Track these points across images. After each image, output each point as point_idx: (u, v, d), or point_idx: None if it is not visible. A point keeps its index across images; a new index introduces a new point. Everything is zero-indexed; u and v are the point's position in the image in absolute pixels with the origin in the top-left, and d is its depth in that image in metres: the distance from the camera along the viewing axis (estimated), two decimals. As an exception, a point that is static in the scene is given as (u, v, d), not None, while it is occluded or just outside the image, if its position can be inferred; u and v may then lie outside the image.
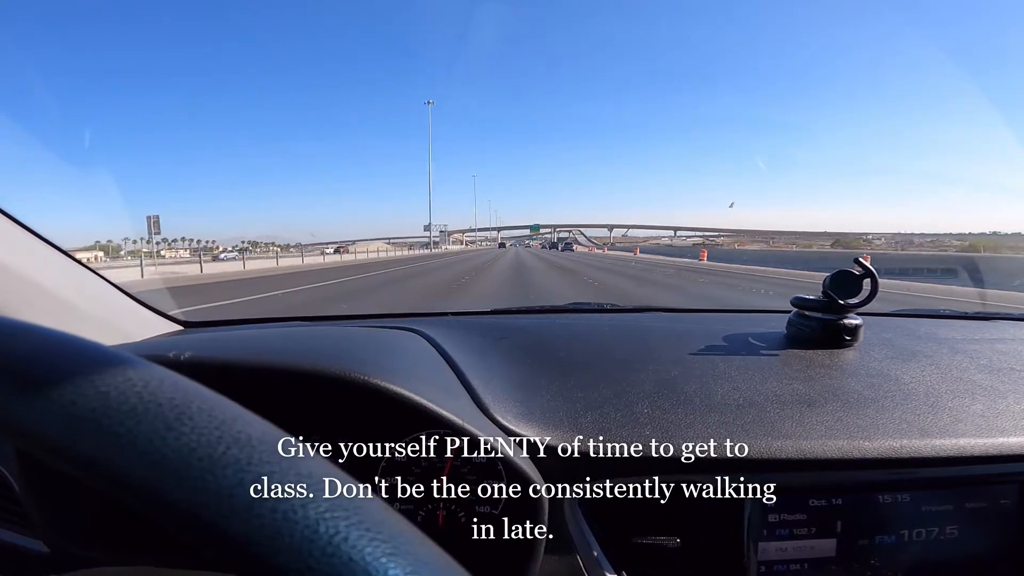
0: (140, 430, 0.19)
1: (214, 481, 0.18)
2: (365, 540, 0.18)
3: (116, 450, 0.19)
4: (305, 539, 0.17)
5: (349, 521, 0.18)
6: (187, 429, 0.19)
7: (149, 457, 0.18)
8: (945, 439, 0.58)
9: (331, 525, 0.18)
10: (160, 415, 0.19)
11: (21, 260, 0.67)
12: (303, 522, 0.18)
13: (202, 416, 0.20)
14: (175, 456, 0.19)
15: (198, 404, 0.20)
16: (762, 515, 0.56)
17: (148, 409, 0.19)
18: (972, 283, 9.14)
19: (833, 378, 0.73)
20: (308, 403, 0.60)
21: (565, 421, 0.61)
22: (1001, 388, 0.70)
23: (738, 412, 0.63)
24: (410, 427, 0.61)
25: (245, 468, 0.19)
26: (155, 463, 0.18)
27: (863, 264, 0.82)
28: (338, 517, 0.18)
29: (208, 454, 0.19)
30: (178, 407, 0.20)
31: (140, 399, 0.20)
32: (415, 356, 0.72)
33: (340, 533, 0.18)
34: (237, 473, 0.18)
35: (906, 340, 0.89)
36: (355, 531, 0.18)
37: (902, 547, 0.57)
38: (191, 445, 0.19)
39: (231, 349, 0.63)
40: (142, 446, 0.19)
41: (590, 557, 0.56)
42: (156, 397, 0.20)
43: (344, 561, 0.17)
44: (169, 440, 0.19)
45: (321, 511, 0.18)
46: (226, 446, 0.19)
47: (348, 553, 0.17)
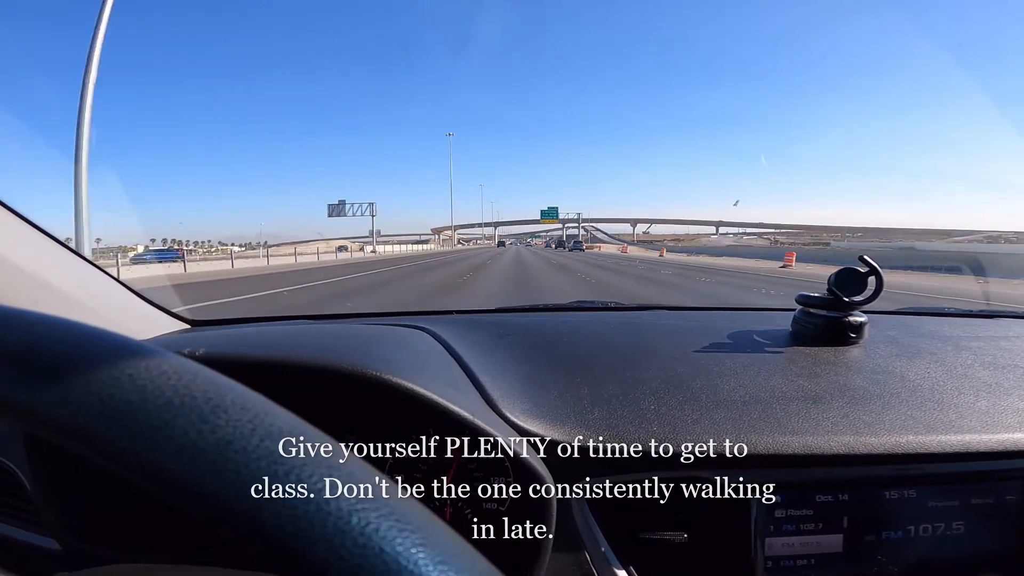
0: (177, 423, 0.19)
1: (249, 473, 0.18)
2: (395, 531, 0.18)
3: (153, 443, 0.19)
4: (338, 530, 0.18)
5: (379, 512, 0.18)
6: (222, 422, 0.19)
7: (186, 450, 0.19)
8: (950, 435, 0.59)
9: (363, 516, 0.18)
10: (196, 408, 0.20)
11: (27, 256, 0.68)
12: (336, 513, 0.18)
13: (236, 409, 0.20)
14: (211, 449, 0.19)
15: (231, 397, 0.20)
16: (769, 511, 0.56)
17: (184, 402, 0.20)
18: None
19: (838, 375, 0.73)
20: (318, 399, 0.61)
21: (572, 417, 0.61)
22: (1006, 385, 0.71)
23: (744, 409, 0.63)
24: (417, 423, 0.61)
25: (279, 460, 0.19)
26: (192, 456, 0.19)
27: (868, 261, 0.82)
28: (369, 508, 0.18)
29: (243, 447, 0.19)
30: (212, 400, 0.20)
31: (176, 392, 0.20)
32: (423, 353, 0.72)
33: (371, 524, 0.18)
34: (271, 465, 0.19)
35: (910, 337, 0.89)
36: (386, 522, 0.18)
37: (908, 543, 0.57)
38: (227, 438, 0.19)
39: (243, 345, 0.64)
40: (179, 439, 0.19)
41: (598, 553, 0.56)
42: (191, 390, 0.20)
43: (376, 552, 0.17)
44: (205, 433, 0.19)
45: (352, 502, 0.18)
46: (259, 438, 0.19)
47: (379, 544, 0.18)
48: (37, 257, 0.69)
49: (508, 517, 0.60)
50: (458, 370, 0.68)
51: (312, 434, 0.21)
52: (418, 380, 0.55)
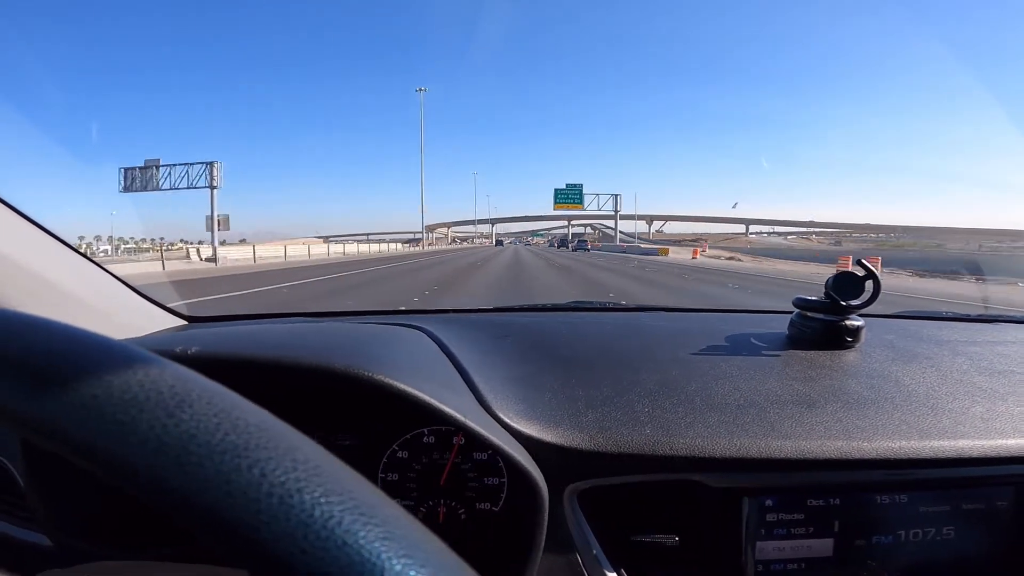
0: (142, 418, 0.19)
1: (212, 467, 0.18)
2: (359, 524, 0.18)
3: (118, 438, 0.19)
4: (300, 523, 0.18)
5: (344, 506, 0.18)
6: (186, 416, 0.19)
7: (150, 444, 0.19)
8: (944, 441, 0.59)
9: (326, 510, 0.18)
10: (161, 403, 0.20)
11: (25, 253, 0.68)
12: (299, 507, 0.18)
13: (201, 404, 0.20)
14: (175, 443, 0.19)
15: (198, 392, 0.20)
16: (760, 514, 0.56)
17: (149, 397, 0.20)
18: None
19: (834, 379, 0.73)
20: (313, 398, 0.61)
21: (566, 419, 0.61)
22: (1001, 391, 0.70)
23: (738, 412, 0.63)
24: (412, 423, 0.61)
25: (242, 454, 0.19)
26: (155, 450, 0.19)
27: (866, 265, 0.82)
28: (333, 502, 0.18)
29: (207, 440, 0.19)
30: (178, 395, 0.20)
31: (141, 387, 0.20)
32: (418, 353, 0.72)
33: (335, 517, 0.18)
34: (234, 459, 0.19)
35: (907, 342, 0.89)
36: (349, 515, 0.18)
37: (899, 547, 0.57)
38: (191, 432, 0.19)
39: (237, 344, 0.64)
40: (143, 433, 0.19)
41: (589, 555, 0.56)
42: (157, 385, 0.20)
43: (338, 544, 0.17)
44: (169, 427, 0.19)
45: (316, 496, 0.18)
46: (224, 432, 0.19)
47: (342, 537, 0.18)
48: (35, 253, 0.70)
49: (501, 518, 0.60)
50: (453, 370, 0.69)
51: (279, 428, 0.20)
52: (411, 380, 0.55)
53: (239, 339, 0.69)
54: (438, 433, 0.61)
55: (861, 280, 0.82)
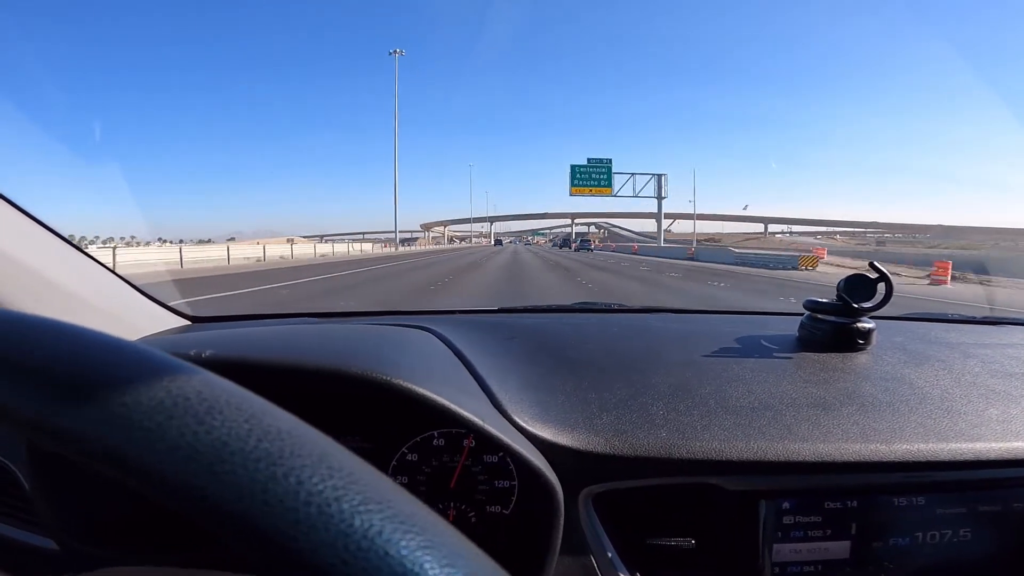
0: (171, 424, 0.19)
1: (247, 475, 0.18)
2: (400, 533, 0.18)
3: (146, 445, 0.18)
4: (341, 533, 0.17)
5: (383, 515, 0.18)
6: (217, 423, 0.19)
7: (180, 452, 0.18)
8: (962, 443, 0.58)
9: (366, 519, 0.18)
10: (190, 409, 0.19)
11: (30, 252, 0.67)
12: (338, 516, 0.17)
13: (231, 410, 0.19)
14: (207, 450, 0.18)
15: (226, 398, 0.20)
16: (777, 517, 0.56)
17: (177, 403, 0.19)
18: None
19: (848, 381, 0.73)
20: (322, 400, 0.60)
21: (581, 422, 0.61)
22: (1015, 393, 0.70)
23: (753, 415, 0.62)
24: (422, 425, 0.60)
25: (277, 461, 0.18)
26: (187, 458, 0.18)
27: (878, 268, 0.82)
28: (372, 511, 0.18)
29: (240, 448, 0.18)
30: (207, 401, 0.19)
31: (168, 393, 0.19)
32: (431, 355, 0.72)
33: (375, 527, 0.17)
34: (270, 467, 0.18)
35: (918, 344, 0.89)
36: (390, 524, 0.18)
37: (915, 549, 0.57)
38: (223, 439, 0.19)
39: (250, 347, 0.63)
40: (172, 441, 0.18)
41: (604, 558, 0.55)
42: (184, 391, 0.20)
43: (380, 555, 0.17)
44: (200, 434, 0.18)
45: (355, 504, 0.18)
46: (257, 439, 0.19)
47: (384, 547, 0.17)
48: (40, 253, 0.69)
49: (511, 521, 0.59)
50: (465, 373, 0.68)
51: (313, 435, 0.20)
52: (428, 384, 0.54)
53: (250, 342, 0.68)
54: (448, 435, 0.61)
55: (873, 282, 0.82)
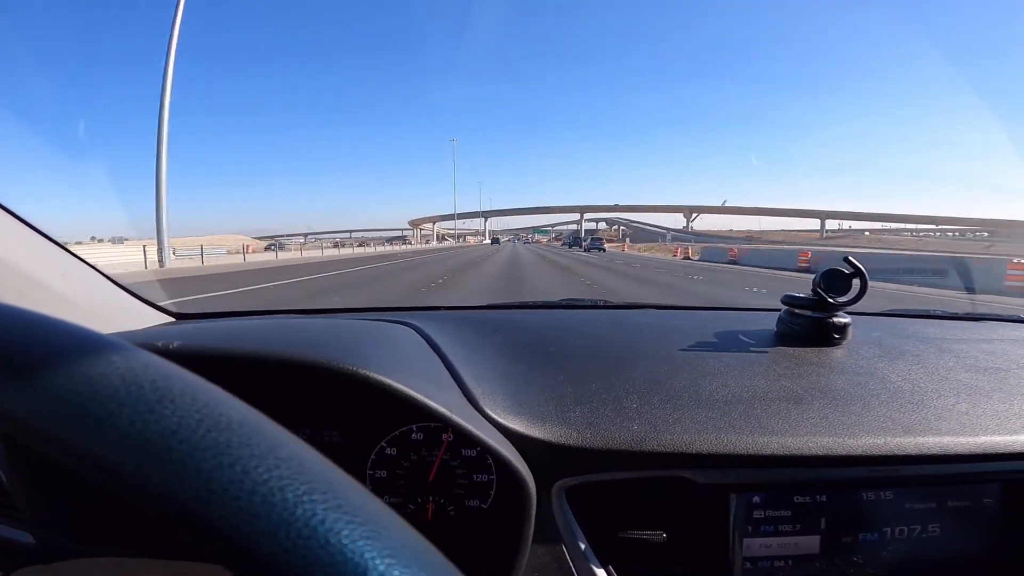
0: (122, 413, 0.19)
1: (193, 464, 0.18)
2: (343, 523, 0.18)
3: (98, 433, 0.18)
4: (283, 522, 0.17)
5: (327, 504, 0.18)
6: (168, 412, 0.19)
7: (131, 440, 0.18)
8: (928, 437, 0.59)
9: (308, 508, 0.18)
10: (143, 398, 0.19)
11: (11, 248, 0.67)
12: (280, 505, 0.18)
13: (184, 399, 0.20)
14: (156, 439, 0.18)
15: (180, 387, 0.20)
16: (747, 511, 0.57)
17: (131, 392, 0.19)
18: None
19: (820, 375, 0.74)
20: (298, 394, 0.60)
21: (554, 415, 0.61)
22: (986, 388, 0.71)
23: (725, 408, 0.63)
24: (400, 420, 0.61)
25: (224, 451, 0.18)
26: (136, 446, 0.18)
27: (853, 263, 0.83)
28: (316, 500, 0.18)
29: (188, 437, 0.19)
30: (160, 390, 0.20)
31: (123, 381, 0.19)
32: (405, 348, 0.72)
33: (317, 516, 0.18)
34: (216, 456, 0.18)
35: (894, 339, 0.90)
36: (333, 514, 0.18)
37: (885, 544, 0.58)
38: (172, 428, 0.19)
39: (220, 339, 0.63)
40: (124, 429, 0.18)
41: (577, 550, 0.56)
42: (139, 380, 0.20)
43: (321, 544, 0.17)
44: (151, 423, 0.19)
45: (299, 494, 0.18)
46: (206, 429, 0.19)
47: (325, 536, 0.17)
48: (21, 249, 0.69)
49: (490, 514, 0.60)
50: (440, 366, 0.68)
51: (265, 426, 0.20)
52: (398, 376, 0.55)
53: (222, 334, 0.68)
54: (426, 430, 0.61)
55: (848, 278, 0.83)
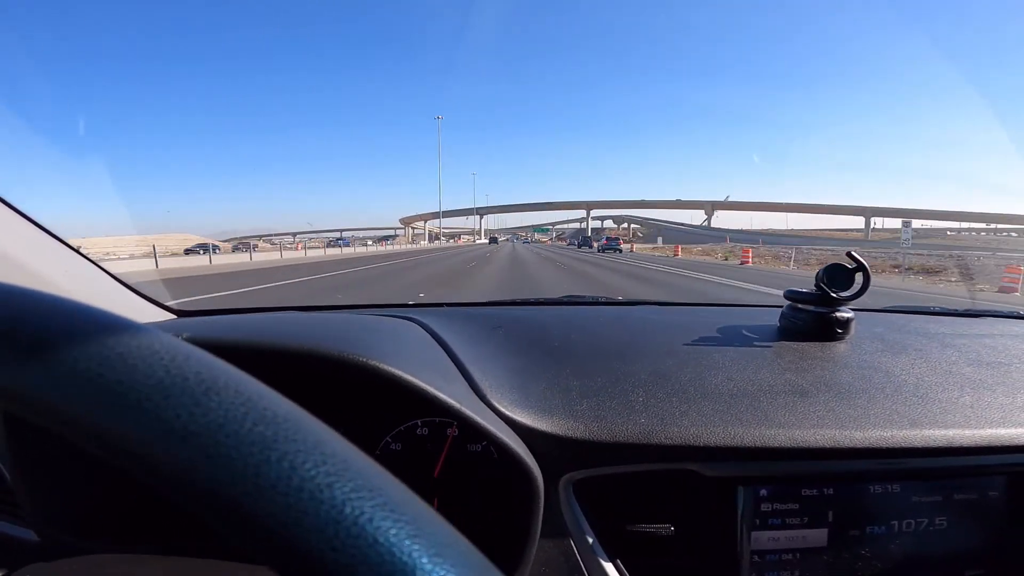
0: (167, 404, 0.18)
1: (240, 459, 0.18)
2: (390, 521, 0.18)
3: (143, 425, 0.18)
4: (331, 520, 0.17)
5: (374, 502, 0.18)
6: (214, 404, 0.19)
7: (176, 433, 0.18)
8: (935, 430, 0.59)
9: (356, 506, 0.18)
10: (188, 390, 0.19)
11: (14, 244, 0.67)
12: (329, 502, 0.18)
13: (229, 392, 0.19)
14: (203, 432, 0.18)
15: (224, 379, 0.20)
16: (755, 504, 0.57)
17: (176, 383, 0.19)
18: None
19: (825, 369, 0.74)
20: (301, 388, 0.60)
21: (561, 408, 0.61)
22: (989, 381, 0.72)
23: (731, 401, 0.63)
24: (405, 414, 0.61)
25: (272, 445, 0.18)
26: (182, 439, 0.18)
27: (855, 258, 0.83)
28: (363, 498, 0.18)
29: (235, 431, 0.18)
30: (205, 382, 0.19)
31: (167, 372, 0.19)
32: (413, 342, 0.72)
33: (365, 514, 0.18)
34: (264, 451, 0.18)
35: (896, 334, 0.90)
36: (380, 512, 0.18)
37: (892, 537, 0.58)
38: (219, 421, 0.18)
39: (227, 331, 0.63)
40: (169, 421, 0.18)
41: (585, 544, 0.56)
42: (183, 371, 0.19)
43: (369, 542, 0.17)
44: (197, 415, 0.18)
45: (347, 492, 0.18)
46: (252, 423, 0.19)
47: (373, 534, 0.17)
48: (24, 245, 0.68)
49: (496, 509, 0.60)
50: (447, 360, 0.68)
51: (308, 421, 0.20)
52: (405, 368, 0.54)
53: (228, 327, 0.68)
54: (431, 425, 0.61)
55: (851, 272, 0.83)
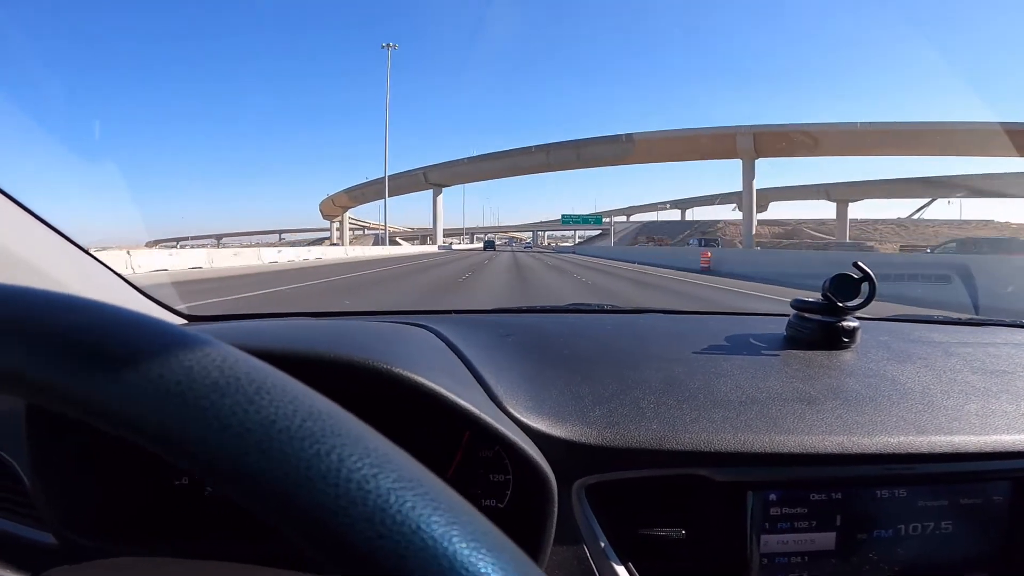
0: (224, 403, 0.19)
1: (292, 452, 0.19)
2: (430, 510, 0.19)
3: (202, 423, 0.19)
4: (378, 508, 0.18)
5: (415, 492, 0.19)
6: (266, 402, 0.20)
7: (233, 430, 0.19)
8: (941, 436, 0.60)
9: (400, 496, 0.19)
10: (241, 389, 0.20)
11: (29, 248, 0.68)
12: (375, 492, 0.18)
13: (277, 391, 0.20)
14: (257, 428, 0.19)
15: (272, 380, 0.21)
16: (764, 508, 0.58)
17: (230, 383, 0.20)
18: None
19: (832, 377, 0.75)
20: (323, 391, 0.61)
21: (574, 414, 0.62)
22: (994, 389, 0.73)
23: (741, 408, 0.64)
24: (419, 419, 0.62)
25: (320, 440, 0.19)
26: (238, 435, 0.19)
27: (862, 268, 0.84)
28: (405, 488, 0.19)
29: (287, 426, 0.19)
30: (255, 382, 0.20)
31: (221, 373, 0.20)
32: (428, 350, 0.73)
33: (408, 503, 0.19)
34: (313, 444, 0.19)
35: (901, 343, 0.91)
36: (421, 501, 0.19)
37: (899, 541, 0.59)
38: (271, 418, 0.19)
39: (249, 338, 0.64)
40: (226, 419, 0.19)
41: (597, 548, 0.57)
42: (235, 372, 0.20)
43: (413, 529, 0.18)
44: (251, 413, 0.19)
45: (391, 482, 0.19)
46: (302, 419, 0.20)
47: (416, 522, 0.18)
48: (39, 249, 0.70)
49: (506, 514, 0.60)
50: (462, 367, 0.69)
51: (348, 417, 0.21)
52: (425, 375, 0.56)
53: (249, 335, 0.69)
54: (447, 429, 0.62)
55: (857, 282, 0.84)
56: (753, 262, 16.76)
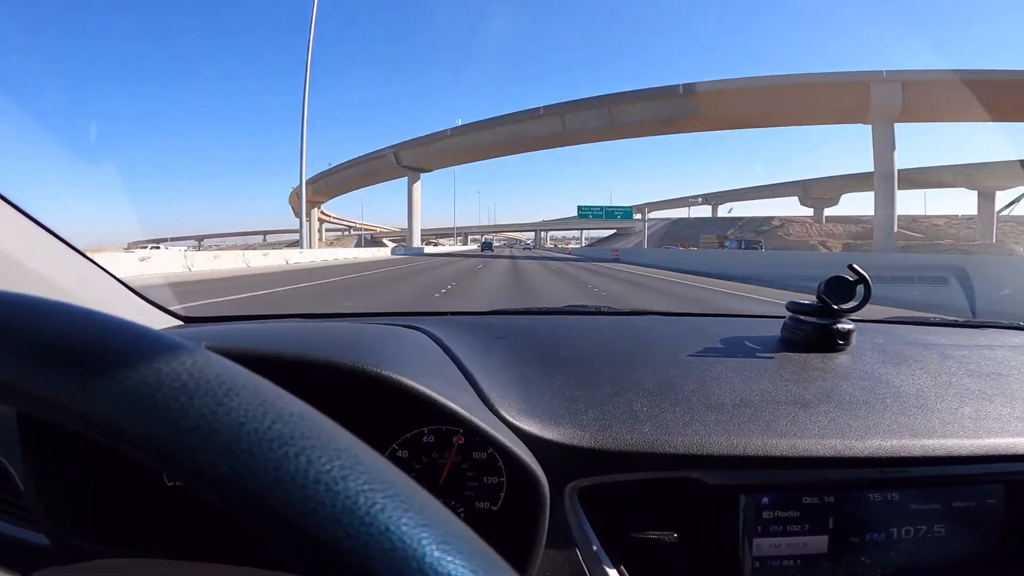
0: (192, 405, 0.20)
1: (262, 454, 0.19)
2: (400, 511, 0.19)
3: (171, 425, 0.19)
4: (346, 509, 0.18)
5: (385, 493, 0.19)
6: (235, 404, 0.20)
7: (201, 431, 0.19)
8: (935, 440, 0.60)
9: (369, 497, 0.19)
10: (211, 391, 0.20)
11: (25, 250, 0.68)
12: (344, 493, 0.18)
13: (247, 393, 0.20)
14: (226, 430, 0.19)
15: (243, 382, 0.21)
16: (757, 511, 0.58)
17: (199, 385, 0.20)
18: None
19: (826, 380, 0.75)
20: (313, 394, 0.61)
21: (567, 417, 0.62)
22: (988, 392, 0.72)
23: (734, 411, 0.64)
24: (412, 422, 0.62)
25: (289, 441, 0.19)
26: (207, 437, 0.19)
27: (857, 270, 0.84)
28: (375, 489, 0.19)
29: (255, 428, 0.19)
30: (225, 384, 0.20)
31: (191, 376, 0.20)
32: (421, 352, 0.73)
33: (377, 504, 0.19)
34: (282, 446, 0.19)
35: (897, 345, 0.91)
36: (391, 503, 0.19)
37: (891, 544, 0.59)
38: (240, 420, 0.19)
39: (241, 341, 0.64)
40: (195, 421, 0.19)
41: (589, 551, 0.57)
42: (205, 374, 0.21)
43: (381, 531, 0.18)
44: (220, 415, 0.19)
45: (360, 483, 0.19)
46: (271, 421, 0.20)
47: (385, 523, 0.18)
48: (35, 251, 0.70)
49: (500, 516, 0.60)
50: (455, 369, 0.69)
51: (320, 419, 0.21)
52: (417, 378, 0.56)
53: (242, 337, 0.69)
54: (438, 432, 0.62)
55: (852, 284, 0.84)
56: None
